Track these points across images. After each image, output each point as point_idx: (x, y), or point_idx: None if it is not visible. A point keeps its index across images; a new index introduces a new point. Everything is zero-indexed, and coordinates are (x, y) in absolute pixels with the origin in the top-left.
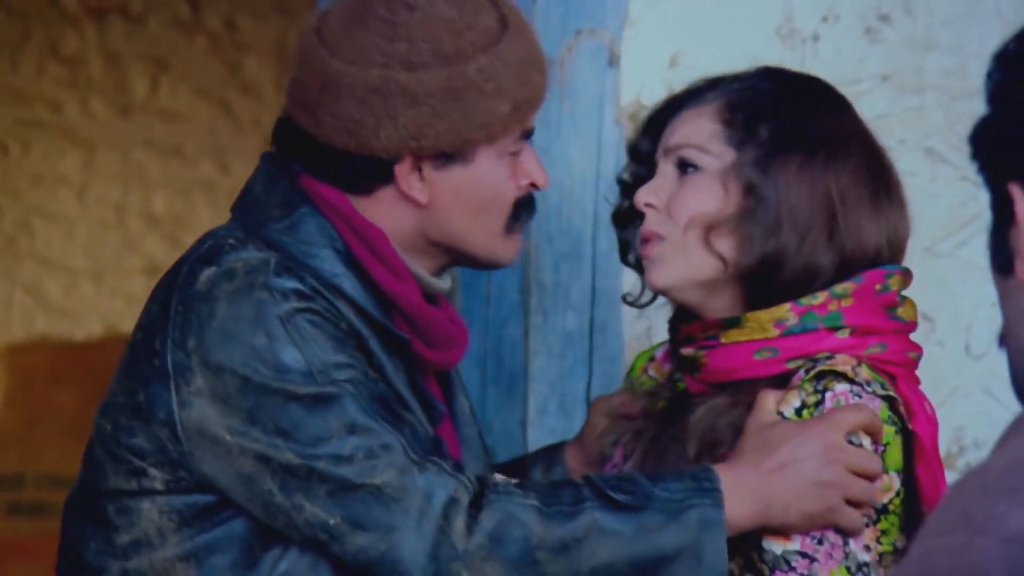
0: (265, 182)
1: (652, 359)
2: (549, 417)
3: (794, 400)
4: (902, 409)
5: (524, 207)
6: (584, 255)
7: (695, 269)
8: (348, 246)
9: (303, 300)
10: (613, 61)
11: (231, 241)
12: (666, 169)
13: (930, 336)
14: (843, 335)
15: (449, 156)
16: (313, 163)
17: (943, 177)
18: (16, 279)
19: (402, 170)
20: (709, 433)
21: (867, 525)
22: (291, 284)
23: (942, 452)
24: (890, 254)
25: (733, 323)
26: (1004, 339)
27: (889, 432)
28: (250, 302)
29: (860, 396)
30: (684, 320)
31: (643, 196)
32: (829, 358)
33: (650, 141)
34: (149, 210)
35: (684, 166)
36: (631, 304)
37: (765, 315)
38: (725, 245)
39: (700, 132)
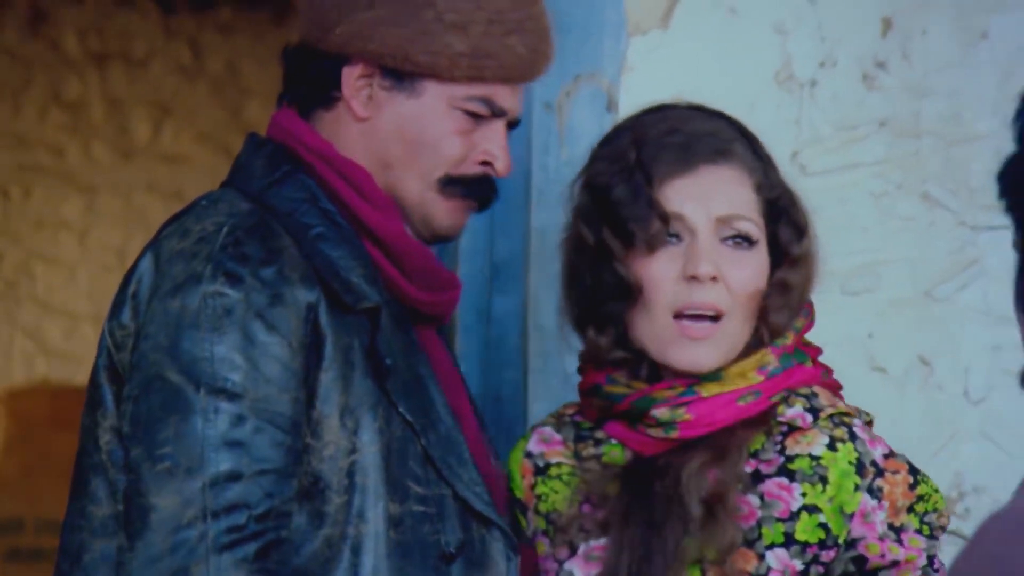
0: (249, 151)
1: (528, 454)
2: None
3: (819, 438)
4: None
5: (476, 185)
6: None
7: (738, 345)
8: (334, 193)
9: (233, 285)
10: (611, 106)
11: (203, 202)
12: (706, 234)
13: (928, 380)
14: (807, 364)
15: (398, 79)
16: (294, 73)
17: (941, 222)
18: (17, 323)
19: (350, 74)
20: (712, 489)
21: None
22: (230, 265)
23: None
24: None
25: (713, 378)
26: None
27: None
28: (186, 269)
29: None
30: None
31: (707, 268)
32: (813, 393)
33: (645, 190)
34: None
35: (740, 239)
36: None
37: (748, 364)
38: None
39: (747, 203)
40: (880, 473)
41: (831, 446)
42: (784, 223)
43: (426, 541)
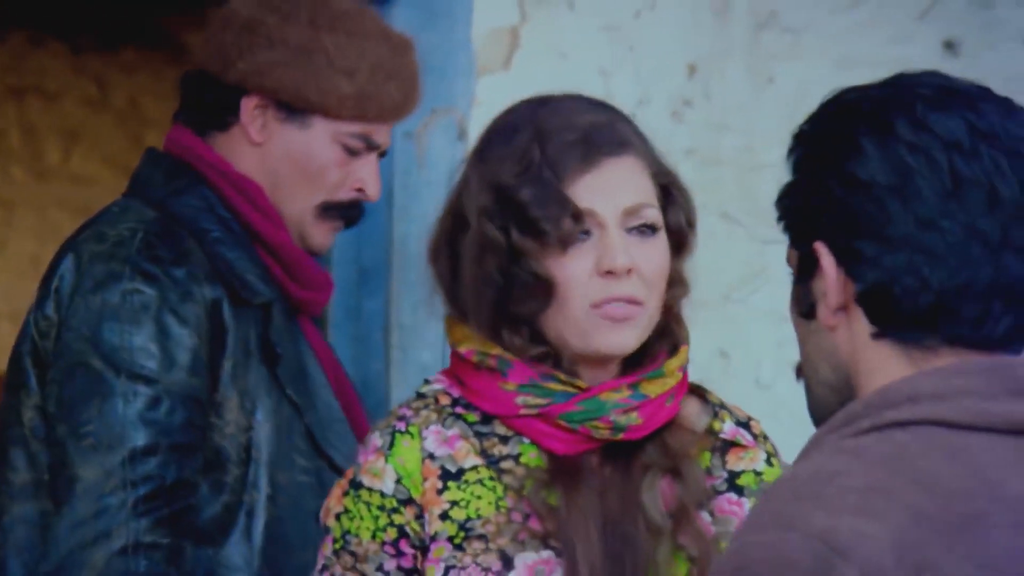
0: (148, 164)
1: (431, 455)
2: None
3: (759, 454)
4: None
5: (348, 209)
6: (438, 300)
7: (652, 328)
8: (228, 203)
9: (148, 283)
10: (462, 135)
11: (115, 209)
12: (615, 227)
13: (727, 370)
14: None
15: (290, 112)
16: (191, 95)
17: (736, 237)
18: None
19: (248, 104)
20: (677, 503)
21: None
22: (145, 265)
23: None
24: None
25: (655, 375)
26: (801, 372)
27: None
28: (105, 269)
29: None
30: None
31: (624, 260)
32: (721, 403)
33: (555, 189)
34: None
35: (645, 227)
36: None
37: (675, 362)
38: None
39: (649, 191)
40: None
41: (768, 461)
42: (674, 209)
43: (308, 507)
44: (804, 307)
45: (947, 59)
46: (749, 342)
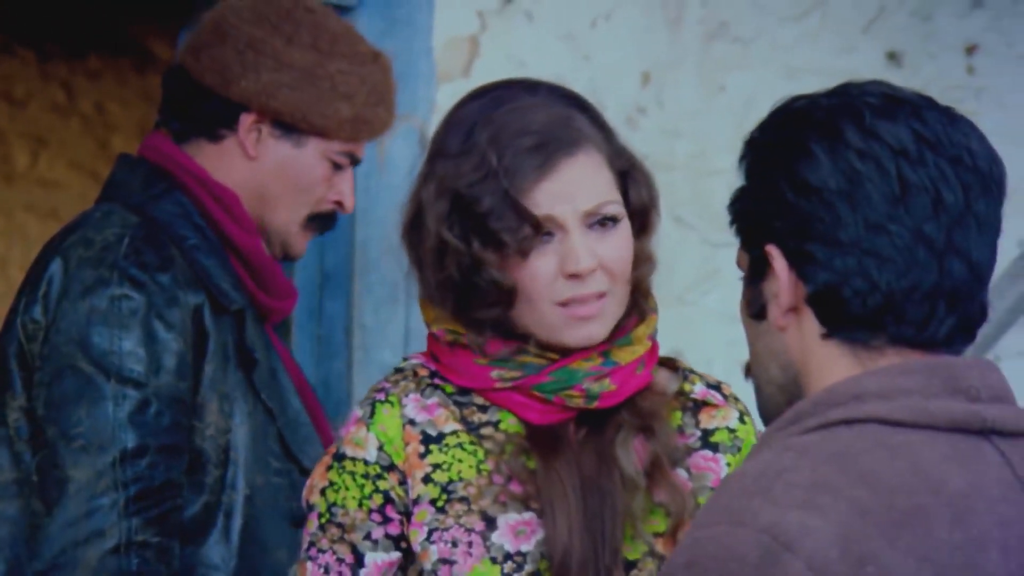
0: (124, 170)
1: (411, 421)
2: None
3: (731, 412)
4: None
5: (324, 219)
6: (399, 301)
7: (622, 311)
8: (205, 211)
9: (136, 289)
10: (423, 141)
11: (97, 215)
12: (576, 228)
13: None
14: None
15: (287, 130)
16: (180, 104)
17: (689, 240)
18: None
19: (246, 120)
20: (651, 461)
21: None
22: (133, 271)
23: None
24: None
25: (626, 343)
26: (751, 372)
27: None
28: (94, 274)
29: None
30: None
31: (588, 263)
32: (689, 368)
33: (513, 199)
34: (28, 264)
35: (606, 221)
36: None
37: (644, 330)
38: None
39: (608, 184)
40: None
41: (741, 419)
42: (635, 191)
43: (281, 508)
44: (755, 308)
45: (890, 69)
46: (701, 342)
